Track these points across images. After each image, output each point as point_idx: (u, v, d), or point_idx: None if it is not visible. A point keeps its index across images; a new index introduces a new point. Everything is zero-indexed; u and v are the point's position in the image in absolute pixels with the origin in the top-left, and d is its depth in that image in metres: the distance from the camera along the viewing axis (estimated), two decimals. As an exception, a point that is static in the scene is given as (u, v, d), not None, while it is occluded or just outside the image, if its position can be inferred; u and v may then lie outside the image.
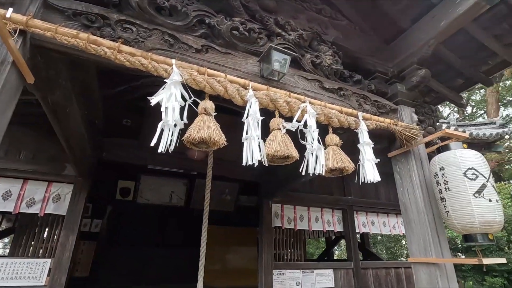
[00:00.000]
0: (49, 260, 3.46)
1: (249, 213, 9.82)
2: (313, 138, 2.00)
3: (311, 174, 2.03)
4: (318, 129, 2.05)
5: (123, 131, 4.40)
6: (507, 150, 13.75)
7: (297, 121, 2.03)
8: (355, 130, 2.35)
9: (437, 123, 3.17)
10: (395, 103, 2.86)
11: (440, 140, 2.90)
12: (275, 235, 4.93)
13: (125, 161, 4.30)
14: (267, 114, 2.14)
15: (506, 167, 14.55)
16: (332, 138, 2.20)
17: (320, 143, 2.05)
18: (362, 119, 2.35)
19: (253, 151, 1.79)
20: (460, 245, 11.13)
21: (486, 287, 9.13)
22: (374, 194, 6.05)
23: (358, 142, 2.39)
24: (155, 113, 4.25)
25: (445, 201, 2.23)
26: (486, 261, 2.08)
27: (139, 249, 8.03)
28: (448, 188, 2.21)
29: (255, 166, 1.86)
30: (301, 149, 2.10)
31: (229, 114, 4.66)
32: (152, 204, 8.52)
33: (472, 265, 10.39)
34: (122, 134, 4.35)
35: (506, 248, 9.80)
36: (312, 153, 2.03)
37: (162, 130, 1.65)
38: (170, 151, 1.69)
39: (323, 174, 2.10)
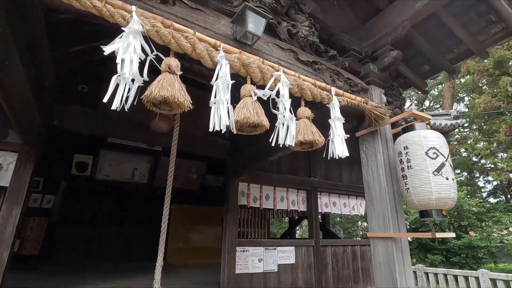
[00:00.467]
0: (-13, 235, 3.10)
1: (215, 192, 9.75)
2: (285, 108, 1.91)
3: (280, 145, 1.96)
4: (290, 99, 1.97)
5: (79, 98, 3.99)
6: (455, 142, 15.01)
7: (269, 89, 1.92)
8: (327, 105, 2.31)
9: (404, 107, 3.26)
10: (366, 82, 2.87)
11: (405, 122, 2.99)
12: (240, 213, 4.92)
13: (80, 132, 3.93)
14: (237, 84, 2.01)
15: (453, 158, 15.94)
16: (304, 111, 2.14)
17: (292, 114, 1.97)
18: (335, 95, 2.32)
19: (221, 116, 1.66)
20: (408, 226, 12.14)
21: (428, 263, 10.11)
22: (337, 176, 6.25)
23: (328, 119, 2.37)
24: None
25: (406, 179, 2.31)
26: (439, 235, 2.21)
27: (97, 227, 7.64)
28: (410, 166, 2.28)
29: (223, 135, 1.73)
30: (272, 120, 2.02)
31: (198, 87, 4.45)
32: (112, 181, 8.07)
33: (417, 244, 11.42)
34: (78, 101, 3.95)
35: (447, 229, 10.85)
36: (283, 124, 1.95)
37: (117, 85, 1.44)
38: (132, 121, 1.51)
39: (293, 146, 2.04)
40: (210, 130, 1.71)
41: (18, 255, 6.41)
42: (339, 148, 2.19)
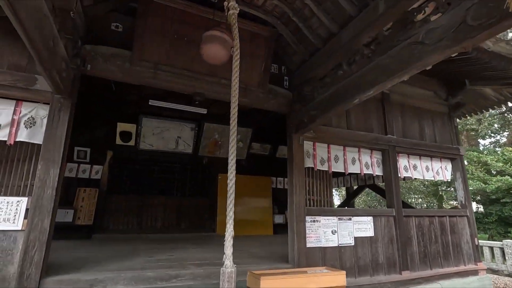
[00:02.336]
0: (25, 199, 2.64)
1: (262, 162, 9.09)
2: None
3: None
4: None
5: (113, 38, 3.31)
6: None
7: None
8: None
9: None
10: None
11: None
12: (306, 177, 4.09)
13: (116, 78, 3.28)
14: None
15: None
16: None
17: None
18: None
19: None
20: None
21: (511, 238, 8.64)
22: (418, 134, 5.10)
23: None
24: (150, 13, 3.07)
25: None
26: None
27: (144, 197, 7.40)
28: None
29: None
30: None
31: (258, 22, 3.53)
32: (156, 151, 7.72)
33: (496, 217, 9.87)
34: (112, 42, 3.27)
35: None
36: None
37: None
38: (174, 65, 0.84)
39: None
40: None
41: (73, 225, 6.39)
42: None
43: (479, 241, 5.54)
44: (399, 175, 4.70)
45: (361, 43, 2.84)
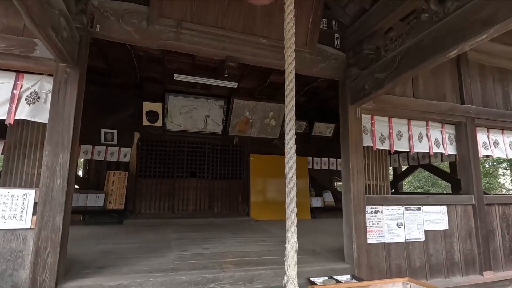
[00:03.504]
0: (32, 192, 2.19)
1: (296, 140, 8.30)
2: None
3: None
4: None
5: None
6: None
7: None
8: None
9: None
10: None
11: None
12: (364, 158, 3.34)
13: (131, 41, 2.66)
14: None
15: None
16: None
17: None
18: None
19: None
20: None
21: None
22: (502, 101, 4.07)
23: None
24: None
25: None
26: None
27: (174, 180, 7.05)
28: None
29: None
30: None
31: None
32: (185, 131, 7.26)
33: None
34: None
35: None
36: None
37: None
38: (201, 21, 0.30)
39: None
40: None
41: (105, 210, 6.22)
42: None
43: None
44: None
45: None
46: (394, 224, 3.18)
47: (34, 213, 2.15)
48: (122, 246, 3.56)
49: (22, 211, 2.13)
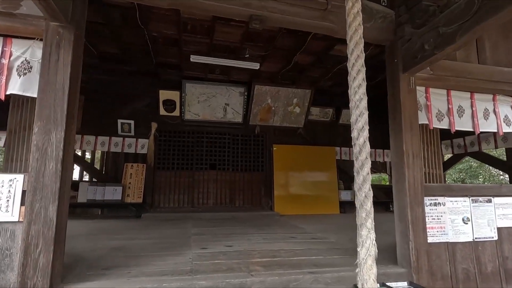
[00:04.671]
0: (20, 177, 1.81)
1: (322, 129, 7.74)
2: None
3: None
4: None
5: None
6: None
7: None
8: None
9: None
10: None
11: None
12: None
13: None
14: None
15: None
16: None
17: None
18: None
19: None
20: None
21: None
22: None
23: None
24: None
25: None
26: None
27: (194, 172, 6.69)
28: None
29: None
30: None
31: None
32: (203, 121, 6.86)
33: None
34: None
35: None
36: None
37: None
38: None
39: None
40: None
41: (123, 203, 5.97)
42: None
43: None
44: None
45: None
46: (459, 219, 2.57)
47: (22, 203, 1.77)
48: (136, 242, 3.19)
49: (8, 200, 1.75)
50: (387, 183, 11.12)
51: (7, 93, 1.96)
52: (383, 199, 7.64)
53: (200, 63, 5.30)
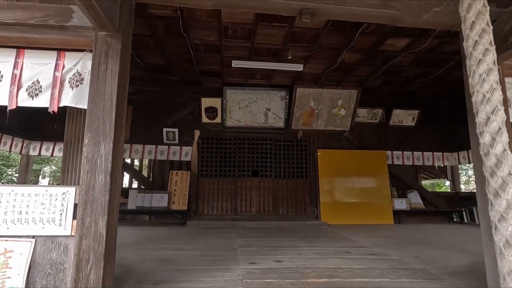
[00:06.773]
0: (72, 190, 1.79)
1: (370, 132, 7.18)
2: None
3: None
4: None
5: None
6: None
7: None
8: None
9: None
10: None
11: None
12: None
13: (180, 1, 2.14)
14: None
15: None
16: None
17: None
18: None
19: None
20: None
21: None
22: None
23: None
24: None
25: None
26: None
27: (236, 179, 6.60)
28: None
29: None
30: None
31: None
32: (245, 127, 6.77)
33: None
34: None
35: None
36: None
37: None
38: None
39: None
40: None
41: (169, 210, 6.07)
42: None
43: None
44: None
45: None
46: None
47: (74, 217, 1.74)
48: (183, 254, 3.11)
49: (61, 214, 1.73)
50: (448, 190, 10.02)
51: (60, 105, 1.98)
52: (444, 209, 6.82)
53: (241, 68, 5.23)
